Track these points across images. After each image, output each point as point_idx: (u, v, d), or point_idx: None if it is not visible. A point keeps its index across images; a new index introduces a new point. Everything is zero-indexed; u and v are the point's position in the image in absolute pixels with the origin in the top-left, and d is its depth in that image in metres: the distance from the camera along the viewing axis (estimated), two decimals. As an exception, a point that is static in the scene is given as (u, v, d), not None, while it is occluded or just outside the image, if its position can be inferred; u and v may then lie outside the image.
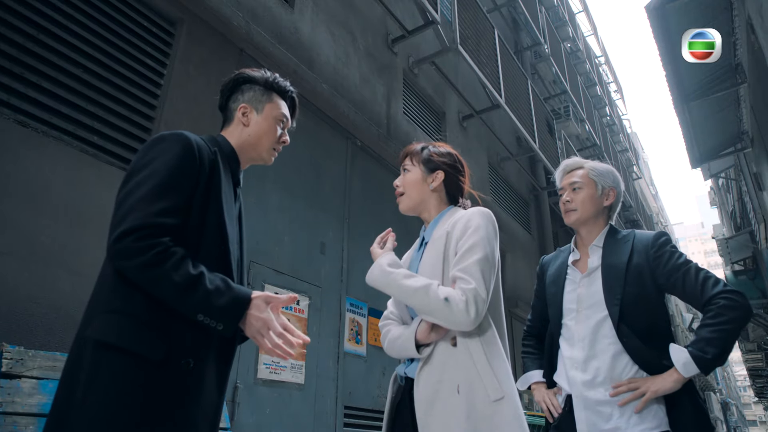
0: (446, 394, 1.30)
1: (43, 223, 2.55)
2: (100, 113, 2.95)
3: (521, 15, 10.93)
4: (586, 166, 1.90)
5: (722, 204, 18.85)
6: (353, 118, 5.05)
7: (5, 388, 1.80)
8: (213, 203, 1.26)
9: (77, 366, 1.10)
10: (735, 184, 12.78)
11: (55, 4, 2.83)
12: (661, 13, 5.29)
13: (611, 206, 1.87)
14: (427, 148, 1.67)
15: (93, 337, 1.11)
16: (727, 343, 1.50)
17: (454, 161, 1.67)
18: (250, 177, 3.85)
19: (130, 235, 1.10)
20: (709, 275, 1.61)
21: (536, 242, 9.93)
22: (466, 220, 1.46)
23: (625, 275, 1.67)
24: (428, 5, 5.63)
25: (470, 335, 1.35)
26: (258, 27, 4.11)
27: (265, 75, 1.50)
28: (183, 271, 1.10)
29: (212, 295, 1.12)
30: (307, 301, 4.08)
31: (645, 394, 1.52)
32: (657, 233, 1.76)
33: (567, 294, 1.80)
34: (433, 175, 1.61)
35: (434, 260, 1.45)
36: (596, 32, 21.76)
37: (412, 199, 1.62)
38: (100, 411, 1.05)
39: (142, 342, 1.11)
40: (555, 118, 10.81)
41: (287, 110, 1.53)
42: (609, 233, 1.82)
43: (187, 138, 1.27)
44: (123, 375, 1.08)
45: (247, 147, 1.45)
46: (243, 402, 3.35)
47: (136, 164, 1.23)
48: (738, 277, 11.12)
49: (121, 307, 1.13)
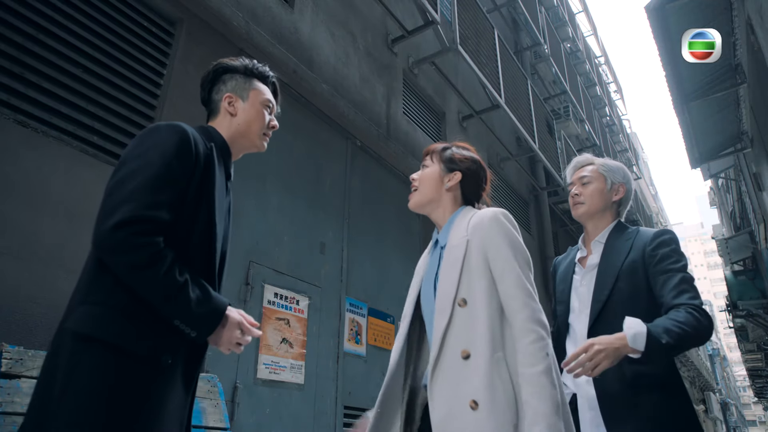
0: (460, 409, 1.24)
1: (43, 222, 2.54)
2: (100, 113, 2.95)
3: (521, 15, 10.93)
4: (597, 162, 1.90)
5: (722, 204, 18.87)
6: (353, 118, 5.05)
7: (5, 388, 1.80)
8: (205, 199, 1.24)
9: (56, 358, 1.07)
10: (735, 184, 12.79)
11: (55, 4, 2.83)
12: (661, 14, 5.29)
13: (620, 202, 1.86)
14: (450, 148, 1.62)
15: (73, 329, 1.08)
16: (682, 343, 1.42)
17: (477, 166, 1.59)
18: (249, 177, 3.86)
19: (124, 227, 1.08)
20: (692, 288, 1.54)
21: (536, 242, 9.93)
22: (485, 229, 1.37)
23: (618, 273, 1.65)
24: (428, 5, 5.63)
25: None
26: (258, 27, 4.11)
27: (244, 62, 1.49)
28: (171, 276, 1.10)
29: (192, 304, 1.13)
30: (307, 301, 4.08)
31: (592, 359, 1.40)
32: (659, 231, 1.73)
33: (573, 291, 1.78)
34: (451, 175, 1.55)
35: (451, 271, 1.38)
36: (596, 32, 21.76)
37: (424, 195, 1.55)
38: (78, 402, 1.02)
39: (125, 335, 1.09)
40: (555, 119, 10.80)
41: (271, 95, 1.51)
42: (615, 229, 1.80)
43: (184, 130, 1.25)
44: (104, 367, 1.05)
45: (238, 136, 1.43)
46: (242, 402, 3.35)
47: (130, 153, 1.20)
48: (737, 277, 11.13)
49: (105, 299, 1.11)
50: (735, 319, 12.59)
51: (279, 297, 3.84)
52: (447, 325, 1.32)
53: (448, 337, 1.31)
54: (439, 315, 1.34)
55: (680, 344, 1.42)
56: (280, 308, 3.83)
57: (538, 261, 9.79)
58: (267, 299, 3.73)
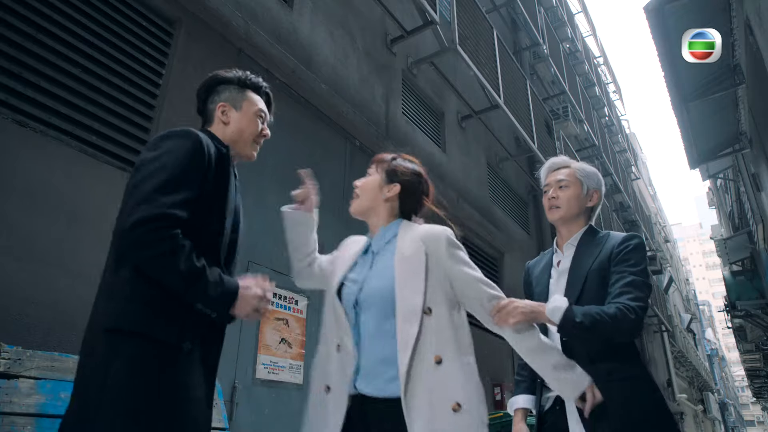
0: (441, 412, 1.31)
1: (42, 222, 2.54)
2: (99, 113, 2.95)
3: (520, 15, 10.94)
4: (573, 165, 1.91)
5: (720, 205, 18.90)
6: (352, 119, 5.05)
7: (3, 389, 1.80)
8: (218, 201, 1.34)
9: (91, 357, 1.15)
10: (733, 184, 12.81)
11: (54, 4, 2.82)
12: (660, 14, 5.30)
13: (593, 208, 1.89)
14: (396, 159, 1.68)
15: (103, 326, 1.16)
16: (597, 327, 1.50)
17: (417, 180, 1.66)
18: (248, 177, 3.85)
19: (144, 224, 1.15)
20: (636, 290, 1.58)
21: (534, 242, 9.93)
22: (443, 246, 1.50)
23: (587, 274, 1.69)
24: (427, 6, 5.64)
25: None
26: (257, 27, 4.11)
27: (238, 74, 1.55)
28: (191, 263, 1.19)
29: (210, 287, 1.22)
30: (306, 302, 4.08)
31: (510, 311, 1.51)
32: (628, 235, 1.76)
33: (549, 293, 1.81)
34: (390, 186, 1.62)
35: (415, 280, 1.45)
36: (595, 33, 21.78)
37: (362, 203, 1.66)
38: (121, 393, 1.09)
39: (154, 325, 1.17)
40: (554, 119, 10.82)
41: (264, 105, 1.57)
42: (587, 233, 1.83)
43: (196, 135, 1.33)
44: (141, 358, 1.13)
45: (231, 144, 1.48)
46: (241, 402, 3.35)
47: (146, 157, 1.28)
48: (736, 277, 11.16)
49: (130, 294, 1.18)
50: (733, 319, 12.62)
51: (278, 297, 3.84)
52: (418, 332, 1.38)
53: (419, 345, 1.38)
54: (407, 322, 1.40)
55: (594, 328, 1.50)
56: (279, 308, 3.83)
57: (536, 261, 9.79)
58: (266, 299, 3.73)
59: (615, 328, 1.51)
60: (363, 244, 1.69)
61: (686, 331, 26.20)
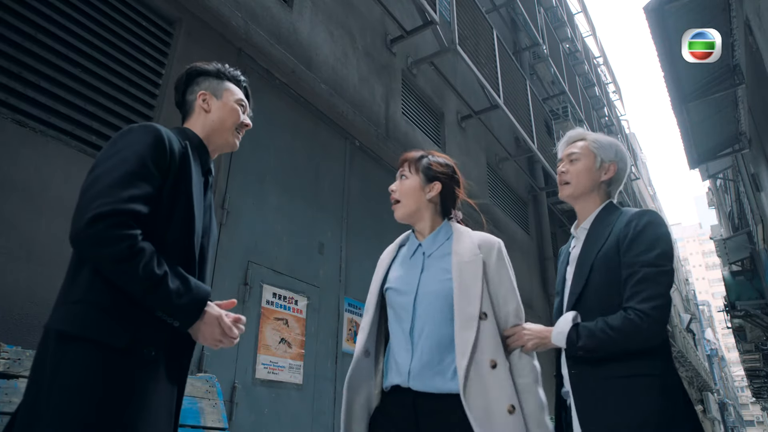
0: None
1: (41, 222, 2.54)
2: (99, 113, 2.95)
3: (520, 16, 10.94)
4: (589, 137, 1.74)
5: (720, 205, 18.91)
6: (352, 119, 5.05)
7: (3, 388, 1.80)
8: (182, 196, 1.27)
9: (42, 359, 1.11)
10: (733, 184, 12.82)
11: (54, 4, 2.82)
12: (660, 14, 5.30)
13: (610, 181, 1.70)
14: (426, 157, 1.67)
15: (54, 328, 1.12)
16: (603, 349, 1.43)
17: (452, 172, 1.67)
18: (248, 177, 3.85)
19: (101, 221, 1.09)
20: (651, 286, 1.42)
21: (534, 243, 9.93)
22: (495, 255, 1.54)
23: (592, 264, 1.54)
24: (427, 6, 5.64)
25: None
26: (257, 27, 4.11)
27: (217, 66, 1.52)
28: (150, 268, 1.12)
29: (172, 296, 1.15)
30: (306, 302, 4.08)
31: (521, 337, 1.49)
32: (636, 212, 1.58)
33: (566, 282, 1.69)
34: (431, 185, 1.62)
35: (473, 286, 1.48)
36: (595, 33, 21.79)
37: (409, 207, 1.62)
38: (64, 399, 1.05)
39: (103, 330, 1.11)
40: (553, 119, 10.83)
41: (244, 96, 1.55)
42: (603, 212, 1.66)
43: (157, 129, 1.28)
44: (86, 364, 1.08)
45: (213, 133, 1.46)
46: (241, 402, 3.35)
47: (105, 153, 1.23)
48: (736, 277, 11.16)
49: (83, 297, 1.14)
50: (733, 319, 12.61)
51: (277, 297, 3.84)
52: (476, 337, 1.42)
53: (477, 349, 1.41)
54: (464, 328, 1.43)
55: (601, 348, 1.44)
56: (279, 308, 3.83)
57: (536, 261, 9.80)
58: (265, 299, 3.73)
59: (624, 342, 1.40)
60: (405, 247, 1.68)
61: (686, 331, 26.20)
